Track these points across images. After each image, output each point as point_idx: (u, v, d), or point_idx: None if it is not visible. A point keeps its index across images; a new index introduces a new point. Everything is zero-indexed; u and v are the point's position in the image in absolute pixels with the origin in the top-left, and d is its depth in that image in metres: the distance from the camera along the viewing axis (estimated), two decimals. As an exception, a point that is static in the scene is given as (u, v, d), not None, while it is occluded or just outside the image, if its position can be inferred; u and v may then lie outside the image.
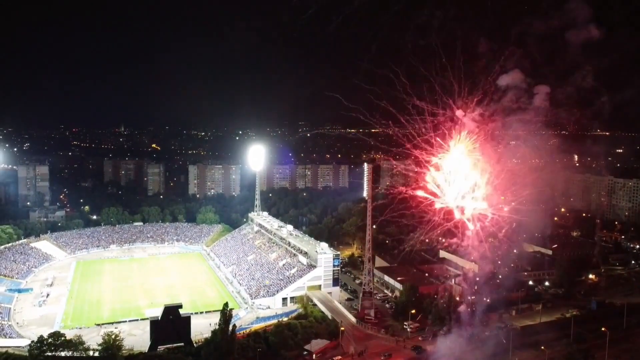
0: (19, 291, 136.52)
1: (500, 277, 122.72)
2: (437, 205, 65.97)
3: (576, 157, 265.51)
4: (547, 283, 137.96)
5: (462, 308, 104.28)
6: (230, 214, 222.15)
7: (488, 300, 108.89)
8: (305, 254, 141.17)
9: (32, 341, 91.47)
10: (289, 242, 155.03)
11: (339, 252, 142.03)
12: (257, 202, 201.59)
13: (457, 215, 67.20)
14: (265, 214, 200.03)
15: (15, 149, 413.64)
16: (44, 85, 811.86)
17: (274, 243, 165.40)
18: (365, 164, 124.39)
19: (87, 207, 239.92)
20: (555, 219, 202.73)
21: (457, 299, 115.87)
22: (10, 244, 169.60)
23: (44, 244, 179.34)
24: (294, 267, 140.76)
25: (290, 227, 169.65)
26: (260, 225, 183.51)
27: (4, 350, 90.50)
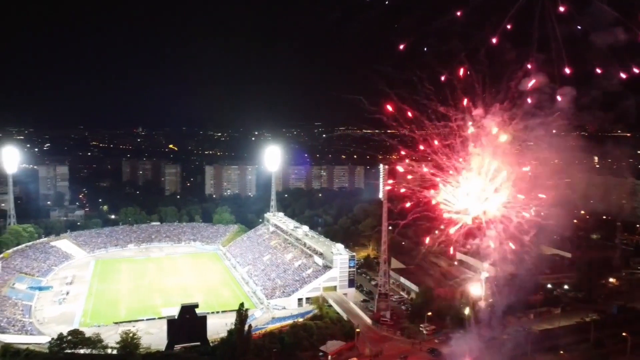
0: (40, 289, 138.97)
1: (518, 279, 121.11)
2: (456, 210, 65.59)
3: (596, 158, 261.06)
4: (566, 286, 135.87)
5: (479, 311, 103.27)
6: (246, 214, 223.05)
7: (506, 303, 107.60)
8: (321, 254, 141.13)
9: (52, 338, 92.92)
10: (304, 243, 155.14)
11: (354, 254, 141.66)
12: (273, 203, 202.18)
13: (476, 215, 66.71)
14: (281, 214, 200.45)
15: (36, 149, 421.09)
16: (64, 86, 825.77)
17: (289, 244, 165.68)
18: (381, 165, 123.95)
19: (105, 207, 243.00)
20: (575, 221, 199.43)
21: (474, 301, 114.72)
22: (31, 243, 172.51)
23: (63, 243, 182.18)
24: (309, 268, 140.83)
25: (305, 228, 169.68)
26: (276, 226, 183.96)
27: (24, 346, 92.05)
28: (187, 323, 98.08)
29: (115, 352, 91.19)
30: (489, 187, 64.99)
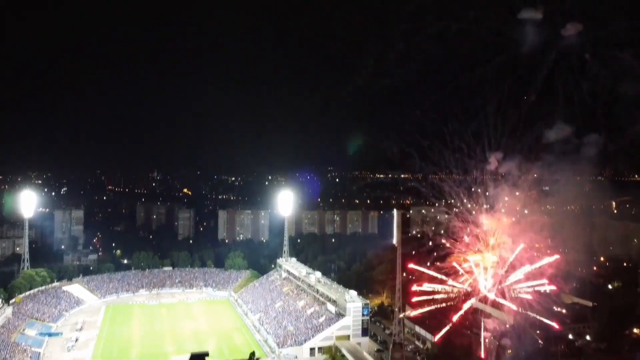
0: (49, 335, 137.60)
1: (539, 330, 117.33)
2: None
3: (614, 203, 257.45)
4: (588, 337, 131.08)
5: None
6: (259, 260, 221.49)
7: (525, 354, 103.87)
8: (334, 302, 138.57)
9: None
10: (317, 290, 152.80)
11: (368, 301, 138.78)
12: (286, 248, 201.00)
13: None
14: (294, 260, 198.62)
15: (53, 193, 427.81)
16: (82, 131, 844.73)
17: (302, 290, 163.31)
18: (395, 210, 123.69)
19: (118, 251, 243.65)
20: (594, 268, 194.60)
21: (492, 352, 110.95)
22: (43, 287, 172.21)
23: (75, 288, 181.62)
24: (322, 316, 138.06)
25: (318, 274, 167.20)
26: (288, 272, 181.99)
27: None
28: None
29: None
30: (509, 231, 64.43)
